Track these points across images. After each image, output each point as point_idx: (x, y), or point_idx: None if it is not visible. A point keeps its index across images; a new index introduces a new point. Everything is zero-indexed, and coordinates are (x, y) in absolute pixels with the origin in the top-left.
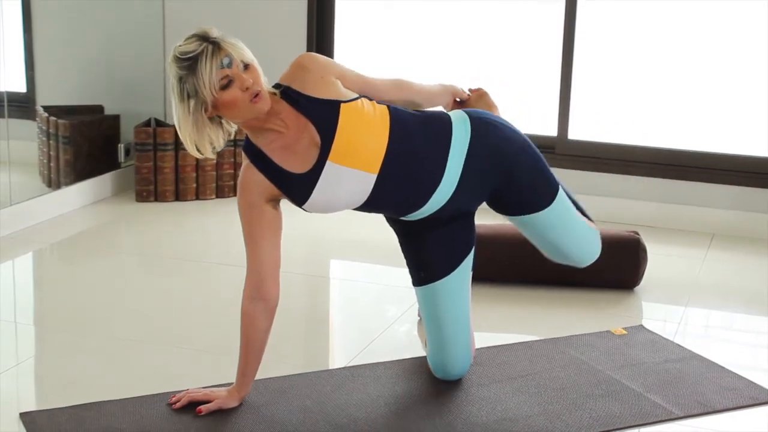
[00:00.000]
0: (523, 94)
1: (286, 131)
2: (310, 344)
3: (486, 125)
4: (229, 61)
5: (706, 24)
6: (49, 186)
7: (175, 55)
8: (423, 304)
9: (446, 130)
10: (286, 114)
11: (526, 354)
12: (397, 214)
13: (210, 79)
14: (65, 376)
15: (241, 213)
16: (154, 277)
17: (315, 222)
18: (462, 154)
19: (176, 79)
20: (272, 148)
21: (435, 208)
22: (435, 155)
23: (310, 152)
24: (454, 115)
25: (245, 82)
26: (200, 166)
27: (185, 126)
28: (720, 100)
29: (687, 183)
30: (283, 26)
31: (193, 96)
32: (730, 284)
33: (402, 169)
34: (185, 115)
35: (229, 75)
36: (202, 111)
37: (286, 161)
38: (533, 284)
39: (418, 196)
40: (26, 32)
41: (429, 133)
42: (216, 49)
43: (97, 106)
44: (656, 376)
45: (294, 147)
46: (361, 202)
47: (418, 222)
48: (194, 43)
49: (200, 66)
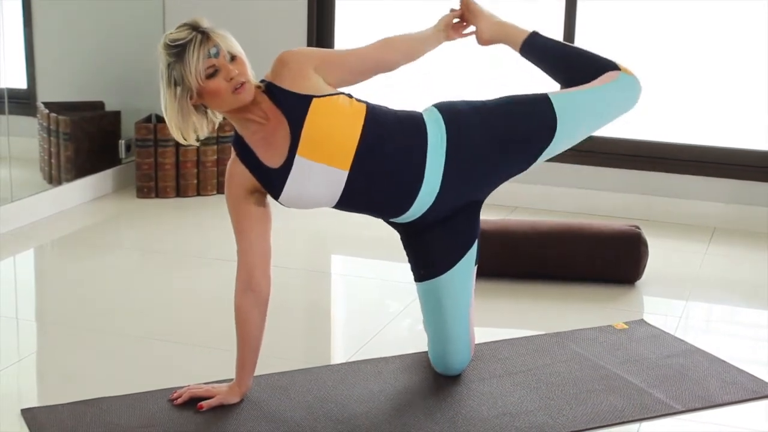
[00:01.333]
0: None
1: (267, 123)
2: (312, 340)
3: (456, 116)
4: (216, 51)
5: (705, 18)
6: (50, 182)
7: (165, 42)
8: (424, 301)
9: (421, 131)
10: (267, 107)
11: (527, 349)
12: (384, 216)
13: (196, 67)
14: (67, 372)
15: (228, 205)
16: (155, 273)
17: (315, 217)
18: (441, 154)
19: (165, 66)
20: (254, 140)
21: (422, 210)
22: (412, 156)
23: (283, 146)
24: (427, 115)
25: (230, 72)
26: (201, 162)
27: (171, 112)
28: (721, 94)
29: (688, 177)
30: (283, 23)
31: (179, 83)
32: (731, 278)
33: (377, 168)
34: (171, 101)
35: (215, 65)
36: (187, 98)
37: (265, 154)
38: (534, 279)
39: (399, 198)
40: (26, 28)
41: (405, 134)
42: (204, 39)
43: (97, 102)
44: (658, 370)
45: (271, 140)
46: (335, 199)
47: (416, 222)
48: (184, 31)
49: (188, 54)
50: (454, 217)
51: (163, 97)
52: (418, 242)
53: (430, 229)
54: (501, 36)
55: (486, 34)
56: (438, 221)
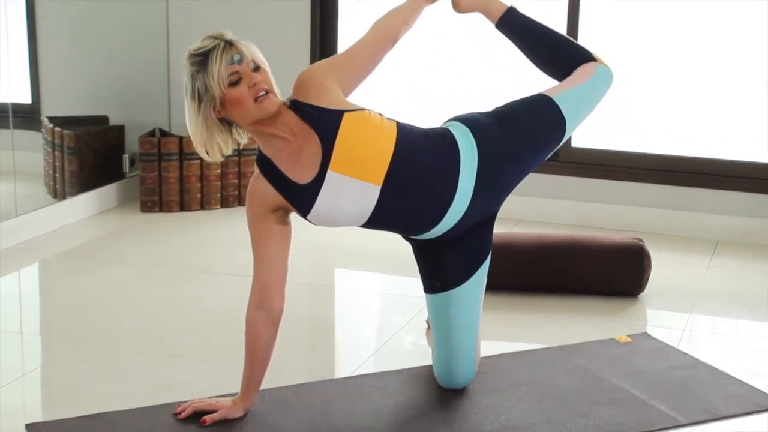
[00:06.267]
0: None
1: (293, 139)
2: (316, 353)
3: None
4: (240, 58)
5: (708, 31)
6: (55, 196)
7: (188, 53)
8: (433, 312)
9: (452, 145)
10: (294, 122)
11: (530, 362)
12: (409, 233)
13: (219, 73)
14: (71, 386)
15: (248, 222)
16: (159, 287)
17: (320, 231)
18: (473, 166)
19: (188, 78)
20: (280, 157)
21: (449, 226)
22: (445, 170)
23: (314, 161)
24: (454, 129)
25: (253, 78)
26: (205, 176)
27: (195, 126)
28: (723, 106)
29: (690, 189)
30: (287, 36)
31: (203, 93)
32: (734, 291)
33: (409, 183)
34: (195, 114)
35: (238, 71)
36: (211, 110)
37: (292, 170)
38: (537, 292)
39: (429, 215)
40: (31, 43)
41: (437, 151)
42: (228, 46)
43: (101, 117)
44: (661, 383)
45: (300, 155)
46: (367, 215)
47: (436, 239)
48: (208, 40)
49: (211, 61)
50: (470, 233)
51: (187, 112)
52: (433, 256)
53: (446, 245)
54: (479, 5)
55: (464, 1)
56: (456, 238)
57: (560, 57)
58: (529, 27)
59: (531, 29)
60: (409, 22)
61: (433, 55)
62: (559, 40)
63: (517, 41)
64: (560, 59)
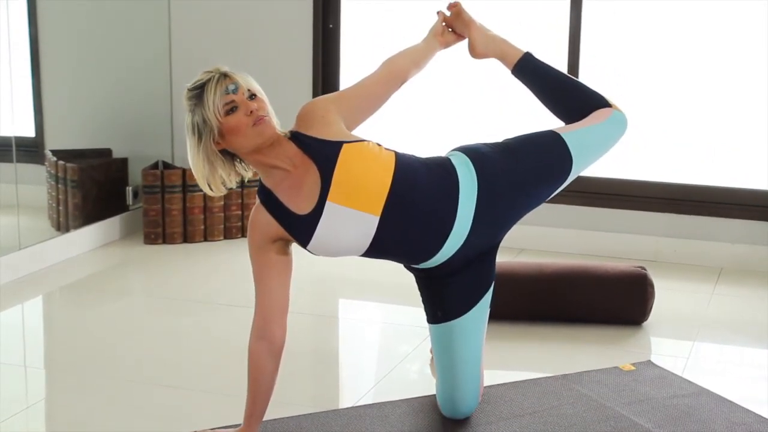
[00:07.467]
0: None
1: (294, 170)
2: (319, 384)
3: (482, 158)
4: (234, 88)
5: (710, 58)
6: (58, 229)
7: (186, 89)
8: (436, 342)
9: (452, 175)
10: (294, 153)
11: (533, 391)
12: (409, 262)
13: (215, 103)
14: (75, 419)
15: (250, 253)
16: (163, 319)
17: (323, 262)
18: (472, 197)
19: (188, 113)
20: (281, 188)
21: (449, 254)
22: (444, 200)
23: (313, 192)
24: (455, 158)
25: (249, 106)
26: (208, 208)
27: (197, 160)
28: (726, 134)
29: (694, 217)
30: (289, 62)
31: (202, 126)
32: (738, 318)
33: (407, 213)
34: (196, 149)
35: (234, 100)
36: (211, 142)
37: (292, 201)
38: (540, 321)
39: (428, 243)
40: (34, 77)
41: (436, 180)
42: (222, 77)
43: (105, 150)
44: (665, 411)
45: (300, 187)
46: (366, 245)
47: (437, 268)
48: (203, 74)
49: (206, 92)
50: (473, 263)
51: (189, 148)
52: (436, 286)
53: (449, 275)
54: (495, 51)
55: (480, 46)
56: (458, 267)
57: (575, 102)
58: (545, 72)
59: (547, 75)
60: (420, 65)
61: (454, 90)
62: (575, 85)
63: (532, 87)
64: (575, 104)
